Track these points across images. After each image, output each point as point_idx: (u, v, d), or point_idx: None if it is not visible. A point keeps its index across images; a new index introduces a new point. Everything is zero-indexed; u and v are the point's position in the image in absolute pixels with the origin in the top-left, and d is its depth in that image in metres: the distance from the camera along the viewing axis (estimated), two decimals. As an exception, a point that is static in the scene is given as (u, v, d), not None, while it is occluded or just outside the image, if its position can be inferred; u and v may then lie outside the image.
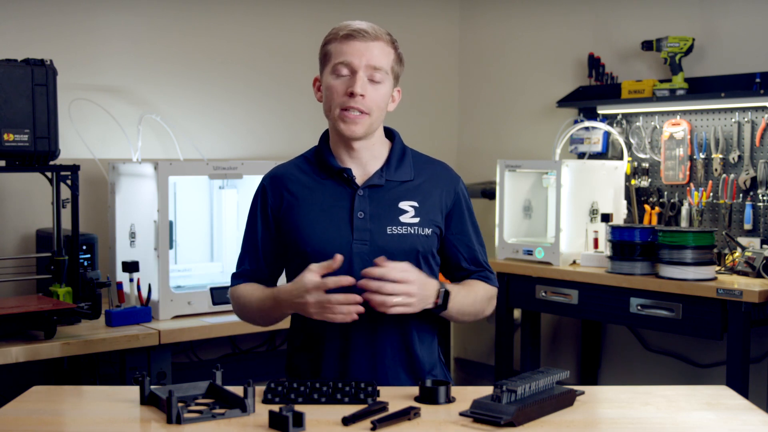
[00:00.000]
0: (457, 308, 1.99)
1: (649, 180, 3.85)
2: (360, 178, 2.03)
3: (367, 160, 2.04)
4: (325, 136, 2.10)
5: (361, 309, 1.83)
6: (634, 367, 4.04)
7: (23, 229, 3.36)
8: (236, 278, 2.13)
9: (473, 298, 2.05)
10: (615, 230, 3.35)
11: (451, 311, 1.97)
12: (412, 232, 2.00)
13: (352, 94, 1.95)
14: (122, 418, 1.69)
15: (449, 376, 2.15)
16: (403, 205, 2.02)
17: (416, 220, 2.01)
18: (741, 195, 3.53)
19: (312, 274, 1.84)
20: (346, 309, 1.82)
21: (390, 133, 2.11)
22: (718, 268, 3.31)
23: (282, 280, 2.13)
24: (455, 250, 2.10)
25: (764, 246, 3.38)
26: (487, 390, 1.73)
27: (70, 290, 2.78)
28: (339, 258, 1.85)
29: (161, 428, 1.62)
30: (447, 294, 1.94)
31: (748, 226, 3.49)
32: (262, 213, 2.08)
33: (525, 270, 3.64)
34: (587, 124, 3.89)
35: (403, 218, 2.00)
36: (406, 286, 1.84)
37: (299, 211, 2.02)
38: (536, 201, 3.91)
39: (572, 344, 4.29)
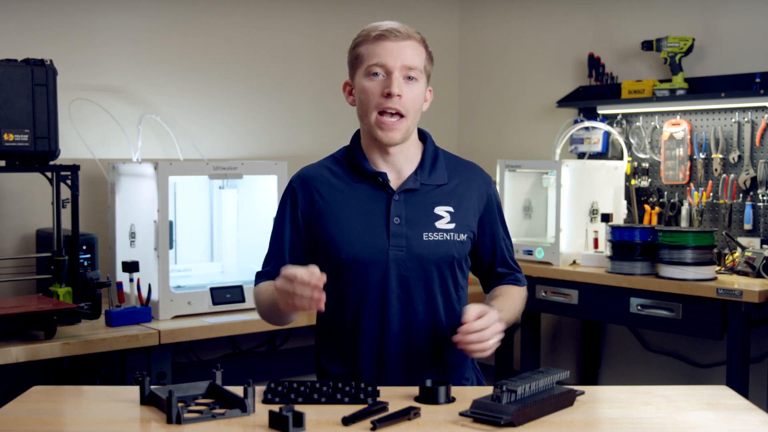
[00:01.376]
0: (506, 323, 2.00)
1: (649, 180, 3.85)
2: (394, 181, 2.01)
3: (401, 163, 2.01)
4: (356, 137, 2.06)
5: (321, 298, 1.73)
6: (634, 367, 4.04)
7: (23, 229, 3.36)
8: (259, 277, 2.06)
9: (514, 307, 2.07)
10: (615, 230, 3.35)
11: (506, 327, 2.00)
12: (448, 238, 1.99)
13: (389, 95, 1.92)
14: (122, 418, 1.69)
15: (483, 379, 2.14)
16: (439, 210, 2.00)
17: (452, 225, 2.00)
18: (741, 195, 3.53)
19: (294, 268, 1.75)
20: (308, 295, 1.72)
21: (422, 135, 2.08)
22: (718, 268, 3.31)
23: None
24: (489, 254, 2.10)
25: (764, 246, 3.38)
26: (487, 390, 1.73)
27: (70, 290, 2.78)
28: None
29: (161, 428, 1.62)
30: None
31: (748, 226, 3.49)
32: (291, 215, 2.03)
33: (525, 270, 3.55)
34: (587, 124, 3.89)
35: (439, 224, 1.99)
36: (496, 326, 1.84)
37: (332, 216, 1.98)
38: (536, 201, 3.91)
39: (572, 344, 4.29)
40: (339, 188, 2.01)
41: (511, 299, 2.07)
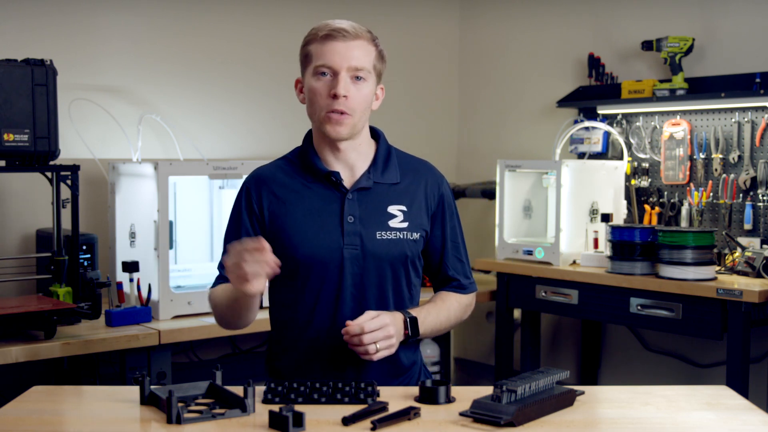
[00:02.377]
0: (429, 330, 2.02)
1: (649, 180, 3.85)
2: (347, 180, 2.02)
3: (353, 161, 2.03)
4: (308, 137, 2.08)
5: (273, 269, 1.76)
6: (634, 367, 4.04)
7: (23, 229, 3.36)
8: (216, 282, 2.06)
9: (446, 314, 2.07)
10: (615, 230, 3.35)
11: (423, 335, 2.01)
12: (401, 237, 2.01)
13: (335, 96, 1.93)
14: (122, 418, 1.69)
15: (429, 376, 2.17)
16: (392, 209, 2.02)
17: (405, 224, 2.02)
18: (741, 195, 3.53)
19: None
20: (259, 260, 1.74)
21: (375, 133, 2.10)
22: (718, 268, 3.31)
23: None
24: (437, 254, 2.11)
25: (764, 246, 3.38)
26: (487, 390, 1.73)
27: (70, 290, 2.78)
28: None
29: (161, 428, 1.62)
30: (414, 321, 1.97)
31: (748, 226, 3.48)
32: (246, 215, 2.03)
33: (525, 270, 3.64)
34: (587, 124, 3.89)
35: (392, 223, 2.01)
36: (384, 331, 1.87)
37: (287, 216, 2.00)
38: (536, 201, 3.91)
39: (572, 344, 4.29)
40: (293, 188, 2.02)
41: (444, 306, 2.07)
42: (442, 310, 2.06)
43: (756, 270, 3.18)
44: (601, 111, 3.96)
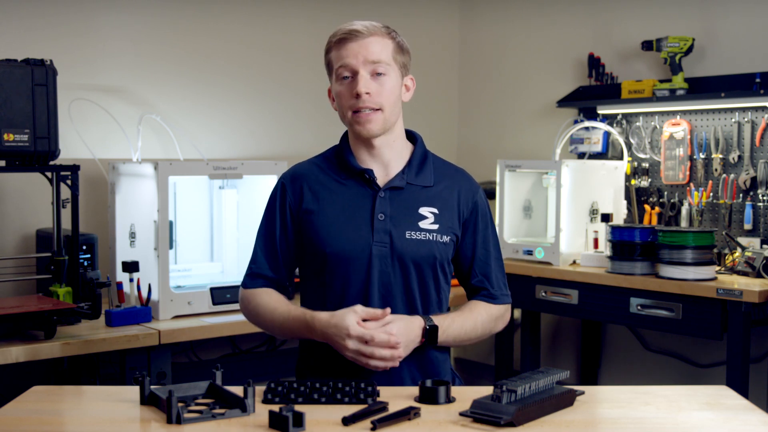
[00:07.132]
0: (452, 338, 2.00)
1: (649, 180, 3.85)
2: (381, 179, 2.03)
3: (388, 159, 2.04)
4: (346, 136, 2.09)
5: (400, 355, 1.87)
6: (634, 367, 4.04)
7: (23, 229, 3.36)
8: (252, 278, 2.08)
9: (472, 323, 2.04)
10: (615, 230, 3.35)
11: (444, 343, 1.99)
12: (431, 238, 2.00)
13: (357, 95, 1.95)
14: (122, 418, 1.69)
15: (462, 383, 2.14)
16: (423, 210, 2.02)
17: (435, 226, 2.02)
18: (741, 195, 3.53)
19: (356, 318, 1.85)
20: (386, 357, 1.85)
21: (412, 137, 2.11)
22: (718, 268, 3.31)
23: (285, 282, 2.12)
24: (467, 262, 2.09)
25: (764, 246, 3.38)
26: (487, 390, 1.73)
27: (70, 290, 2.78)
28: (387, 311, 1.89)
29: (161, 428, 1.62)
30: (434, 329, 1.95)
31: (748, 226, 3.48)
32: (280, 211, 2.06)
33: (525, 270, 3.64)
34: (587, 124, 3.89)
35: (423, 224, 2.01)
36: (382, 351, 1.86)
37: (319, 212, 2.01)
38: (536, 201, 3.91)
39: (572, 344, 4.29)
40: (327, 185, 2.04)
41: (471, 315, 2.05)
42: (468, 319, 2.03)
43: (756, 270, 3.18)
44: (601, 111, 3.97)
